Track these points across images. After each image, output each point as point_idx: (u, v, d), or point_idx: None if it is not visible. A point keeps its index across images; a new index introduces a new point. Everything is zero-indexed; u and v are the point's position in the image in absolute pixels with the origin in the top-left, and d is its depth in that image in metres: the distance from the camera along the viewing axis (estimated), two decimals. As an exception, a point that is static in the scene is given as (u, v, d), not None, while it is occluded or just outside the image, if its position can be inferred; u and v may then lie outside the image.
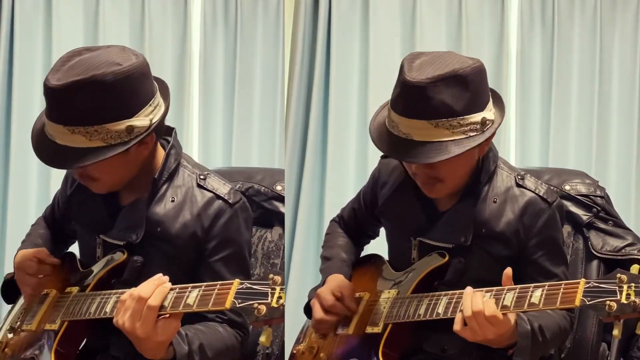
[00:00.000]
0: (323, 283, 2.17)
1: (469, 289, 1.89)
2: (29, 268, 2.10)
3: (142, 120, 1.91)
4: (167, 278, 1.82)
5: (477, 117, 1.94)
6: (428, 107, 1.91)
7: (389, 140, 1.99)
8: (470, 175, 2.06)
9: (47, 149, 1.93)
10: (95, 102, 1.86)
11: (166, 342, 1.82)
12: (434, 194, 2.06)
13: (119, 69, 1.87)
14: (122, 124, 1.88)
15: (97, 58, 1.89)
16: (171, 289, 1.80)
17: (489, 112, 1.97)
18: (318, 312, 2.11)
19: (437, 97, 1.90)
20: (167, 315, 1.79)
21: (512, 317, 1.87)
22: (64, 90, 1.85)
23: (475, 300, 1.85)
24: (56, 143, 1.91)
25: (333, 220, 2.41)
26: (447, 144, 1.92)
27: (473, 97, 1.93)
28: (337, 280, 2.15)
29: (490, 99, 2.01)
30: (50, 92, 1.88)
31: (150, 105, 1.93)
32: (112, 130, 1.88)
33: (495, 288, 1.87)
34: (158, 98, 1.97)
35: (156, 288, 1.80)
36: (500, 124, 2.00)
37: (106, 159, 1.88)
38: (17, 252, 2.17)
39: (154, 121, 1.93)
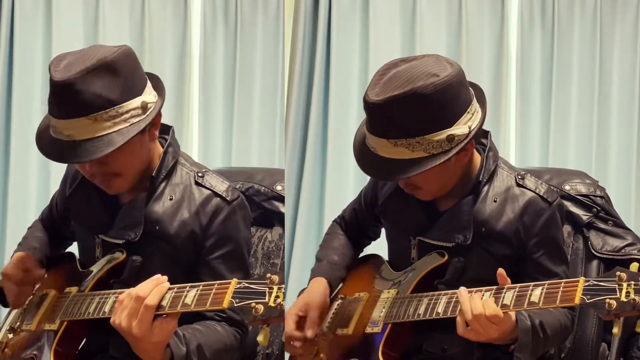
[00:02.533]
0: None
1: (463, 290, 1.89)
2: (14, 276, 2.08)
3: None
4: (165, 278, 1.81)
5: (441, 135, 1.91)
6: (385, 126, 1.91)
7: (360, 152, 2.01)
8: (463, 177, 2.06)
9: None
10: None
11: (163, 343, 1.81)
12: (419, 197, 2.06)
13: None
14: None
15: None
16: (169, 289, 1.80)
17: (461, 127, 1.93)
18: (289, 327, 2.12)
19: (392, 117, 1.89)
20: (165, 315, 1.78)
21: (512, 313, 1.87)
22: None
23: (475, 304, 1.84)
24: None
25: (334, 221, 2.41)
26: (407, 163, 1.91)
27: (436, 114, 1.90)
28: (310, 295, 2.17)
29: (472, 105, 1.97)
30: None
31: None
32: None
33: (494, 287, 1.87)
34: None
35: (154, 287, 1.79)
36: (478, 128, 1.96)
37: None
38: (13, 255, 2.16)
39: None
